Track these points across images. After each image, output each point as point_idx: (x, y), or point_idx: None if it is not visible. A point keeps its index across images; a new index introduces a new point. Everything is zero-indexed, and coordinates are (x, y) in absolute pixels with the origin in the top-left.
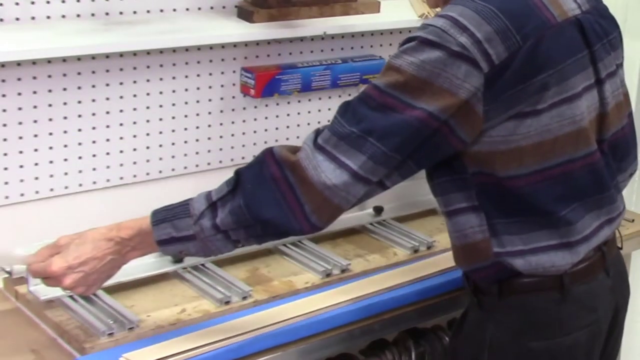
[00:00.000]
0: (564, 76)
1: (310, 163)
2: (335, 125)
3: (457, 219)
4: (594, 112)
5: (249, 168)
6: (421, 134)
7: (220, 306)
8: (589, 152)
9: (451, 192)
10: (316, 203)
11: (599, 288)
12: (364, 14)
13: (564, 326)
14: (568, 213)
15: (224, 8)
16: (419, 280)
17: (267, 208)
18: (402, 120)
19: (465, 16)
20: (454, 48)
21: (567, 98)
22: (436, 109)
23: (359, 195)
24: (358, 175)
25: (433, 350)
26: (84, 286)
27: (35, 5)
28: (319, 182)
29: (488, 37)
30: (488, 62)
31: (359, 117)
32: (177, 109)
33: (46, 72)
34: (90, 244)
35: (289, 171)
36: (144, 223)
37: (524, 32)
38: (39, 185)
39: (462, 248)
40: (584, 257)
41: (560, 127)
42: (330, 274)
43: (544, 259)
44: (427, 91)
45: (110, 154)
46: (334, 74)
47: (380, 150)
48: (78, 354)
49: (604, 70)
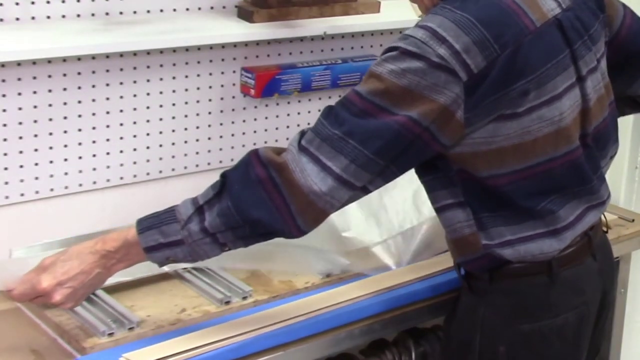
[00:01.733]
0: (544, 80)
1: (297, 165)
2: (319, 126)
3: (446, 214)
4: (577, 109)
5: (234, 170)
6: (403, 138)
7: (220, 306)
8: (570, 149)
9: (438, 189)
10: (301, 205)
11: (586, 271)
12: (364, 14)
13: (553, 308)
14: (546, 204)
15: (224, 8)
16: (419, 280)
17: (255, 208)
18: (383, 124)
19: (444, 27)
20: (434, 59)
21: (546, 100)
22: (417, 114)
23: (343, 200)
24: (342, 179)
25: (433, 350)
26: (73, 301)
27: (35, 5)
28: (305, 186)
29: (466, 48)
30: (467, 71)
31: (340, 121)
32: (177, 109)
33: (46, 72)
34: (77, 259)
35: (275, 172)
36: (129, 234)
37: (502, 41)
38: (39, 185)
39: (453, 242)
40: (571, 242)
41: (539, 129)
42: (330, 274)
43: (532, 247)
44: (407, 98)
45: (110, 154)
46: (334, 74)
47: (362, 154)
48: (78, 354)
49: (585, 68)
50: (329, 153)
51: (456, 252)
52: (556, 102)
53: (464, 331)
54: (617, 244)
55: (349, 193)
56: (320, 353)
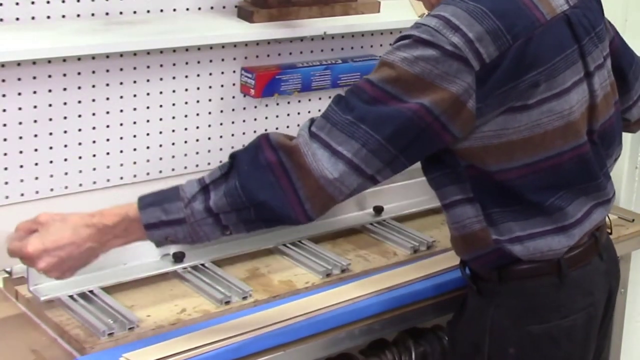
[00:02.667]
0: (554, 73)
1: (309, 150)
2: (329, 112)
3: (455, 210)
4: (584, 104)
5: (244, 152)
6: (414, 125)
7: (220, 306)
8: (578, 144)
9: (446, 186)
10: (311, 190)
11: (594, 272)
12: (364, 14)
13: (562, 310)
14: (555, 200)
15: (224, 8)
16: (419, 280)
17: (263, 191)
18: (395, 110)
19: (458, 16)
20: (447, 47)
21: (556, 94)
22: (428, 102)
23: (352, 187)
24: (352, 164)
25: (433, 350)
26: (59, 271)
27: (35, 5)
28: (317, 170)
29: (479, 37)
30: (479, 60)
31: (351, 107)
32: (177, 109)
33: (46, 72)
34: (71, 229)
35: (286, 157)
36: (130, 209)
37: (514, 32)
38: (39, 185)
39: (462, 238)
40: (579, 242)
41: (549, 122)
42: (330, 274)
43: (542, 244)
44: (418, 86)
45: (110, 154)
46: (334, 74)
47: (373, 138)
48: (78, 354)
49: (593, 64)
50: (339, 138)
51: (464, 249)
52: (565, 95)
53: (472, 333)
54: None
55: (358, 180)
56: (320, 353)
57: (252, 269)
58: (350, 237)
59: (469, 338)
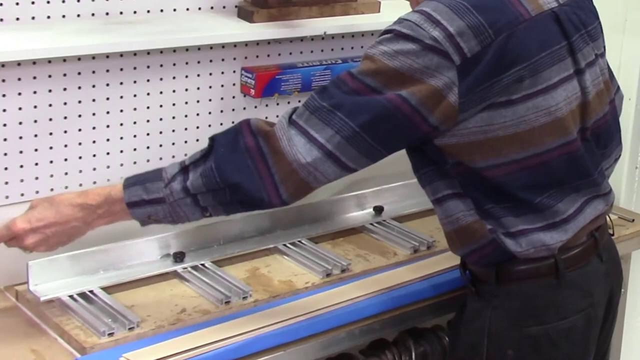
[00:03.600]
0: (539, 69)
1: (284, 135)
2: (309, 100)
3: (446, 204)
4: (575, 101)
5: (224, 134)
6: (390, 115)
7: (220, 306)
8: (567, 141)
9: (436, 180)
10: (284, 174)
11: (593, 273)
12: (364, 14)
13: (560, 311)
14: (544, 199)
15: (224, 8)
16: (419, 280)
17: (237, 172)
18: (372, 99)
19: (439, 11)
20: (427, 41)
21: (542, 89)
22: (406, 93)
23: (327, 174)
24: (326, 150)
25: (433, 350)
26: (45, 246)
27: (35, 5)
28: (290, 154)
29: (460, 32)
30: (460, 55)
31: (330, 95)
32: (177, 109)
33: (46, 72)
34: (54, 208)
35: (263, 141)
36: (114, 189)
37: (497, 27)
38: (39, 185)
39: (456, 232)
40: (577, 241)
41: (536, 118)
42: (330, 274)
43: (534, 239)
44: (397, 79)
45: (110, 154)
46: (334, 74)
47: (348, 126)
48: (78, 354)
49: (583, 60)
50: (316, 125)
51: (459, 244)
52: (551, 91)
53: (471, 335)
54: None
55: (332, 168)
56: (320, 353)
57: (252, 269)
58: (350, 237)
59: (468, 340)
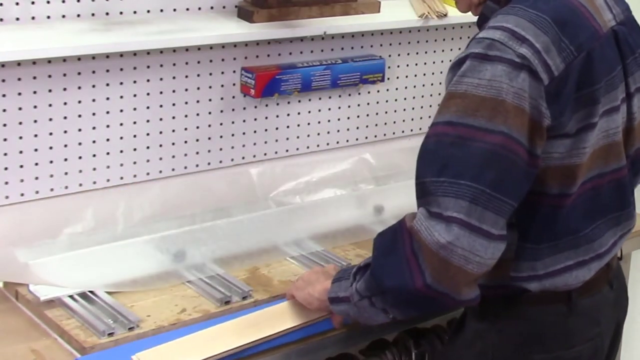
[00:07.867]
0: (609, 88)
1: (422, 225)
2: (429, 186)
3: None
4: (622, 126)
5: (381, 235)
6: (509, 161)
7: (220, 306)
8: (618, 167)
9: None
10: (434, 267)
11: (602, 301)
12: (364, 14)
13: (569, 339)
14: (592, 230)
15: (224, 8)
16: None
17: (390, 277)
18: (487, 151)
19: (522, 27)
20: (516, 60)
21: (608, 110)
22: (514, 131)
23: (478, 251)
24: (465, 223)
25: (433, 350)
26: None
27: (35, 5)
28: (433, 242)
29: (546, 48)
30: (548, 73)
31: (443, 162)
32: (177, 109)
33: (46, 72)
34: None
35: (409, 238)
36: None
37: (577, 43)
38: (39, 185)
39: None
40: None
41: (597, 141)
42: None
43: (558, 281)
44: (500, 110)
45: (110, 154)
46: (334, 74)
47: (478, 190)
48: (78, 354)
49: (633, 85)
50: (447, 203)
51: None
52: (614, 114)
53: (472, 357)
54: None
55: (479, 240)
56: (320, 353)
57: (252, 269)
58: (351, 237)
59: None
